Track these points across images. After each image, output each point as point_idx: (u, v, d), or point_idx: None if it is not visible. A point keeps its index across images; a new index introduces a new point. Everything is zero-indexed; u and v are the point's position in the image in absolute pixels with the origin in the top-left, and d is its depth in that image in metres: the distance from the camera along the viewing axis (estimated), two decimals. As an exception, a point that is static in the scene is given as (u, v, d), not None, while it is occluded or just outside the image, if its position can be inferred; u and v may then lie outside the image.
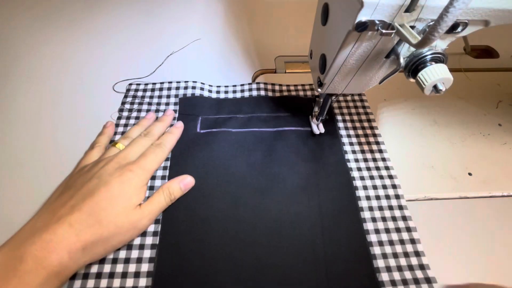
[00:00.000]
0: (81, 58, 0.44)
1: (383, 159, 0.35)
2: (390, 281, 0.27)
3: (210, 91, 0.41)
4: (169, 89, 0.40)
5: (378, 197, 0.32)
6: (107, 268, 0.27)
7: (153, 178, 0.32)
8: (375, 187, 0.33)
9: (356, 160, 0.35)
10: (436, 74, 0.21)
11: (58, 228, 0.24)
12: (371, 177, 0.34)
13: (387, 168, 0.34)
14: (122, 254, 0.28)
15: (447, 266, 0.29)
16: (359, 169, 0.34)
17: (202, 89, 0.40)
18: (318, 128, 0.37)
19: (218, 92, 0.41)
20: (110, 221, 0.26)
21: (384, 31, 0.21)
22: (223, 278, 0.27)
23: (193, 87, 0.40)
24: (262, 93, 0.41)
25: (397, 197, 0.32)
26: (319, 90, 0.31)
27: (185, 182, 0.30)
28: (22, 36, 0.46)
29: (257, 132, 0.37)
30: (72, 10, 0.50)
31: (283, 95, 0.41)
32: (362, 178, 0.34)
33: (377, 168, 0.34)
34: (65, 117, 0.38)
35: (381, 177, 0.34)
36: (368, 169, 0.34)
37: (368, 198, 0.32)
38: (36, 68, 0.42)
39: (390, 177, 0.34)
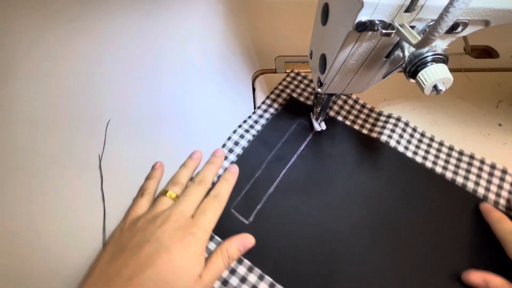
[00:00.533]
0: (81, 58, 0.44)
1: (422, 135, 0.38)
2: None
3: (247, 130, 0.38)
4: None
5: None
6: None
7: None
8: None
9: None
10: (436, 74, 0.21)
11: None
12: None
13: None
14: None
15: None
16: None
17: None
18: (320, 125, 0.37)
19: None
20: None
21: (384, 31, 0.21)
22: None
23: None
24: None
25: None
26: (319, 90, 0.31)
27: (245, 243, 0.28)
28: (22, 36, 0.46)
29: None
30: (72, 10, 0.50)
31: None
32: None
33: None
34: (65, 117, 0.38)
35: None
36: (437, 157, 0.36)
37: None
38: (36, 69, 0.42)
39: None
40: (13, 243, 0.29)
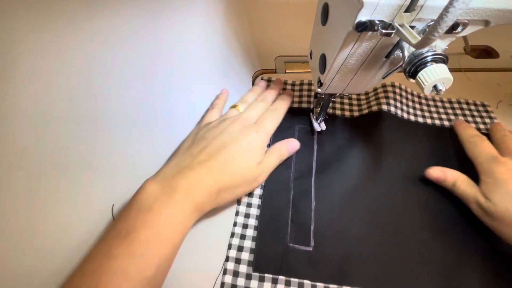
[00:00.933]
0: (81, 58, 0.44)
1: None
2: None
3: None
4: None
5: None
6: None
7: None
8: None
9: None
10: (436, 74, 0.21)
11: (200, 170, 0.28)
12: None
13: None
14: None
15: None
16: None
17: None
18: (319, 125, 0.37)
19: None
20: (240, 173, 0.30)
21: (384, 31, 0.21)
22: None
23: None
24: None
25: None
26: (319, 90, 0.31)
27: (291, 144, 0.35)
28: (22, 36, 0.46)
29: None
30: (72, 10, 0.50)
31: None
32: None
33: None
34: (65, 117, 0.38)
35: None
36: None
37: None
38: (36, 69, 0.42)
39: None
40: (13, 243, 0.29)
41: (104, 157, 0.35)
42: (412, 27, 0.22)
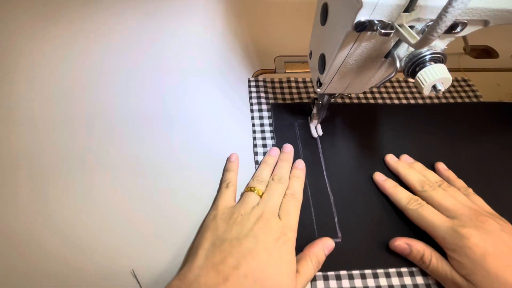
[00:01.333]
0: (81, 58, 0.44)
1: None
2: None
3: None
4: None
5: None
6: None
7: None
8: None
9: None
10: (435, 74, 0.21)
11: None
12: None
13: None
14: None
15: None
16: None
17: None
18: (316, 131, 0.37)
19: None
20: None
21: (383, 31, 0.21)
22: None
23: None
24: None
25: None
26: (318, 90, 0.31)
27: (328, 245, 0.29)
28: (22, 36, 0.46)
29: None
30: (72, 10, 0.50)
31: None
32: None
33: None
34: (65, 117, 0.38)
35: None
36: None
37: None
38: (36, 69, 0.42)
39: None
40: (13, 244, 0.29)
41: (105, 156, 0.35)
42: (411, 27, 0.22)
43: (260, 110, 0.41)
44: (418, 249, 0.28)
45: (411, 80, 0.23)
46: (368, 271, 0.29)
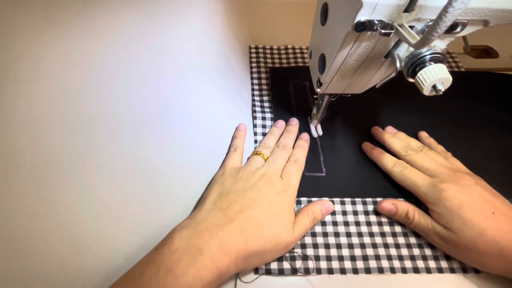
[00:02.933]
0: (81, 58, 0.44)
1: None
2: None
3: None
4: None
5: None
6: None
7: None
8: None
9: None
10: (435, 74, 0.21)
11: (232, 231, 0.26)
12: None
13: None
14: None
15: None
16: None
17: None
18: (316, 131, 0.37)
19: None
20: (272, 236, 0.27)
21: (383, 31, 0.21)
22: None
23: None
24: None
25: None
26: (318, 90, 0.31)
27: (326, 206, 0.32)
28: (22, 36, 0.46)
29: None
30: (72, 10, 0.50)
31: None
32: None
33: None
34: (66, 117, 0.38)
35: None
36: None
37: None
38: (36, 68, 0.42)
39: None
40: (13, 244, 0.29)
41: (105, 156, 0.35)
42: (411, 27, 0.22)
43: (259, 78, 0.44)
44: (403, 207, 0.31)
45: (411, 80, 0.23)
46: (347, 199, 0.34)
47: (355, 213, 0.33)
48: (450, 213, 0.28)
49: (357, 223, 0.32)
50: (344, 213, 0.33)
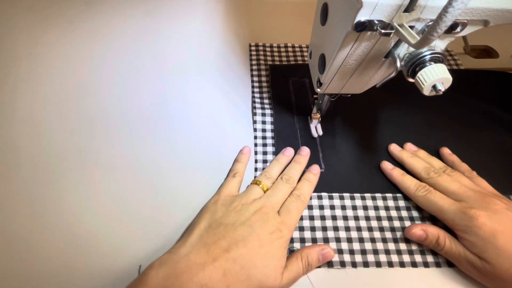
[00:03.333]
0: (81, 58, 0.44)
1: None
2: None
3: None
4: None
5: None
6: None
7: None
8: None
9: None
10: (435, 74, 0.21)
11: (214, 273, 0.24)
12: None
13: None
14: None
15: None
16: None
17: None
18: (316, 131, 0.37)
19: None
20: (258, 281, 0.25)
21: (383, 31, 0.21)
22: None
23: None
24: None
25: None
26: (318, 90, 0.31)
27: (325, 254, 0.29)
28: (22, 36, 0.46)
29: None
30: (72, 10, 0.50)
31: None
32: None
33: None
34: (66, 118, 0.38)
35: None
36: None
37: None
38: (35, 69, 0.42)
39: None
40: (13, 244, 0.29)
41: (105, 156, 0.35)
42: (411, 27, 0.22)
43: (259, 76, 0.45)
44: (433, 233, 0.29)
45: (411, 80, 0.23)
46: (346, 194, 0.34)
47: (354, 207, 0.33)
48: (483, 242, 0.26)
49: (356, 218, 0.32)
50: (343, 207, 0.33)
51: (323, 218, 0.32)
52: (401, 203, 0.33)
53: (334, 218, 0.32)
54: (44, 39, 0.46)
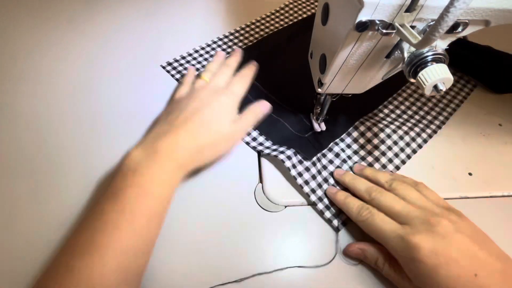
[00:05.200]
0: (81, 58, 0.44)
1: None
2: None
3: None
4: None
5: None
6: None
7: None
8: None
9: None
10: (436, 74, 0.21)
11: (179, 133, 0.30)
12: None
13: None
14: None
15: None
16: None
17: None
18: (319, 126, 0.37)
19: None
20: (217, 130, 0.31)
21: (384, 31, 0.21)
22: None
23: None
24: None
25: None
26: (319, 90, 0.31)
27: (263, 105, 0.35)
28: (21, 36, 0.46)
29: None
30: (72, 10, 0.50)
31: None
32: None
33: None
34: (66, 118, 0.38)
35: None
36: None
37: None
38: (35, 69, 0.42)
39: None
40: (13, 244, 0.29)
41: (105, 156, 0.35)
42: (413, 27, 0.22)
43: None
44: (372, 254, 0.28)
45: (412, 80, 0.23)
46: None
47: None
48: (423, 277, 0.24)
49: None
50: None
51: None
52: None
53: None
54: (44, 39, 0.46)
